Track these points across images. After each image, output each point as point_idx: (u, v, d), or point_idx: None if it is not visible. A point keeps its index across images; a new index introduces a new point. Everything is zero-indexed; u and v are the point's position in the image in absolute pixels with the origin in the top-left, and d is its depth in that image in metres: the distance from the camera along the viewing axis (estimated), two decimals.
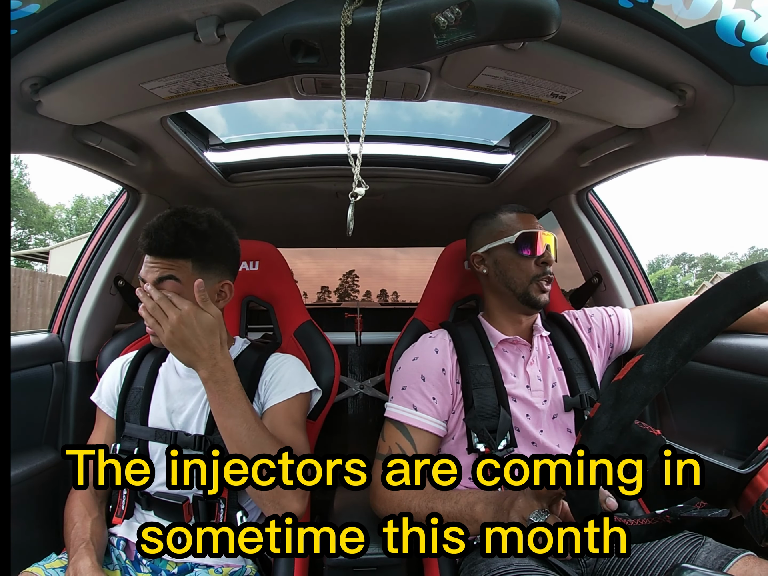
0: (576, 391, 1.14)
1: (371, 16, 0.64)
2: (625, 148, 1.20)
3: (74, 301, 1.49)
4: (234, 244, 1.15)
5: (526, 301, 1.14)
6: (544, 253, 1.14)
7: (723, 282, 0.52)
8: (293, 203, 2.02)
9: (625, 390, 0.51)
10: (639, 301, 1.58)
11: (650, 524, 0.59)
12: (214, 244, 1.08)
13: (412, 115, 2.00)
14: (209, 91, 1.02)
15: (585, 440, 0.53)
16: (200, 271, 1.05)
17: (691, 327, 0.50)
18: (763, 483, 0.51)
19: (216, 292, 1.09)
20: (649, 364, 0.51)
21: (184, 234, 1.03)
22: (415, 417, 1.08)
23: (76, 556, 0.94)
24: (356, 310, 2.34)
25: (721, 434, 1.25)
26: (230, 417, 0.95)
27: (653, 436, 0.53)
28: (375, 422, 2.66)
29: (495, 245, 1.18)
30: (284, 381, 1.12)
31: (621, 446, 0.52)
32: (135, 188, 1.52)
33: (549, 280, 1.15)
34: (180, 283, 1.02)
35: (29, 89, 0.91)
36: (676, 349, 0.50)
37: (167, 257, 1.02)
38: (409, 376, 1.13)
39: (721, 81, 0.87)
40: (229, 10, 0.79)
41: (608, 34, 0.81)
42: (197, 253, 1.05)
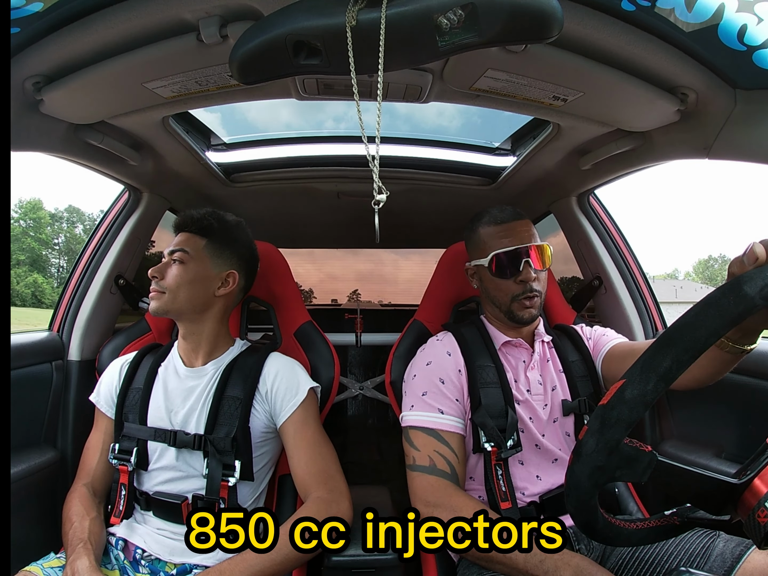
0: (576, 394, 1.13)
1: (375, 18, 0.64)
2: (626, 151, 1.20)
3: (74, 300, 1.50)
4: (253, 249, 1.26)
5: (511, 318, 1.13)
6: (521, 270, 1.09)
7: (705, 300, 0.51)
8: (294, 204, 2.02)
9: (609, 415, 0.51)
10: (639, 304, 1.58)
11: (659, 525, 0.59)
12: (233, 236, 1.19)
13: (411, 125, 2.00)
14: (211, 91, 1.02)
15: (575, 461, 0.54)
16: (212, 252, 1.15)
17: (672, 351, 0.50)
18: (760, 490, 0.51)
19: (222, 279, 1.15)
20: (630, 390, 0.51)
21: (212, 217, 1.17)
22: (444, 421, 1.05)
23: (74, 555, 0.93)
24: (356, 311, 2.34)
25: (721, 437, 1.25)
26: None
27: (644, 453, 0.53)
28: (374, 423, 2.66)
29: (477, 264, 1.17)
30: (292, 386, 1.12)
31: (611, 465, 0.52)
32: (136, 187, 1.52)
33: (531, 296, 1.10)
34: (187, 254, 1.12)
35: (32, 88, 0.91)
36: (657, 374, 0.50)
37: (189, 231, 1.15)
38: (428, 381, 1.10)
39: (723, 85, 0.87)
40: (232, 11, 0.79)
41: (610, 37, 0.81)
42: (215, 234, 1.16)
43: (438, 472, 1.01)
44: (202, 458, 1.06)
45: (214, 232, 1.16)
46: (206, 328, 1.15)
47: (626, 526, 0.59)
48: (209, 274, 1.13)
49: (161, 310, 1.10)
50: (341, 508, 1.00)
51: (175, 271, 1.11)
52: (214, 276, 1.14)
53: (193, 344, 1.16)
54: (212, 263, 1.14)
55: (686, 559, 0.87)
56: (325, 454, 1.09)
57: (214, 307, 1.15)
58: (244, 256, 1.21)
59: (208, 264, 1.14)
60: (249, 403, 1.09)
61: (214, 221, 1.17)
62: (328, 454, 1.09)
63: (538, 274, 1.11)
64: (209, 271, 1.13)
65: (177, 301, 1.10)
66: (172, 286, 1.10)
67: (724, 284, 0.52)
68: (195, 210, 1.18)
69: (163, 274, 1.11)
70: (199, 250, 1.13)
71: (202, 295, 1.12)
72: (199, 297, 1.12)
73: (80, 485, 1.11)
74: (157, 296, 1.10)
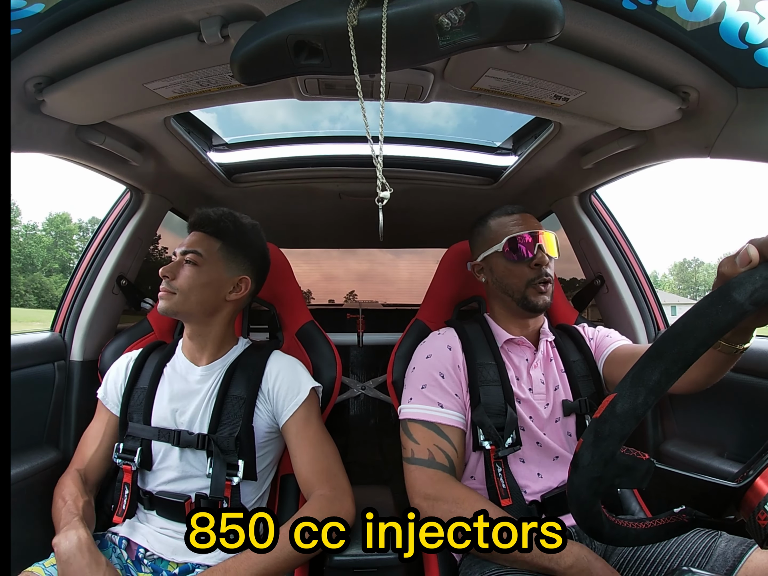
0: (578, 394, 1.13)
1: (376, 17, 0.64)
2: (628, 150, 1.20)
3: (77, 300, 1.50)
4: (266, 254, 1.24)
5: (525, 306, 1.13)
6: (536, 254, 1.11)
7: (693, 310, 0.51)
8: (296, 204, 2.02)
9: (601, 428, 0.52)
10: (641, 303, 1.57)
11: (668, 523, 0.60)
12: (248, 240, 1.18)
13: (408, 125, 2.00)
14: (213, 92, 1.02)
15: (573, 473, 0.55)
16: (225, 256, 1.13)
17: (661, 364, 0.50)
18: (762, 490, 0.51)
19: (234, 284, 1.14)
20: (621, 404, 0.51)
21: (228, 219, 1.15)
22: (443, 414, 1.05)
23: (69, 526, 0.92)
24: (358, 310, 2.34)
25: (723, 437, 1.24)
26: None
27: (641, 461, 0.53)
28: (376, 423, 2.66)
29: (488, 253, 1.17)
30: (294, 385, 1.13)
31: (609, 475, 0.52)
32: (138, 188, 1.53)
33: (546, 281, 1.12)
34: (201, 256, 1.10)
35: (33, 89, 0.91)
36: (646, 387, 0.50)
37: (204, 232, 1.13)
38: (427, 374, 1.10)
39: (724, 83, 0.86)
40: (233, 11, 0.79)
41: (612, 36, 0.81)
42: (231, 238, 1.14)
43: (437, 465, 1.01)
44: (205, 458, 1.06)
45: (230, 235, 1.14)
46: (213, 331, 1.15)
47: (634, 526, 0.59)
48: (222, 279, 1.12)
49: (171, 311, 1.08)
50: (344, 505, 1.00)
51: (187, 272, 1.09)
52: (227, 280, 1.13)
53: (199, 345, 1.15)
54: (226, 267, 1.12)
55: (688, 558, 0.87)
56: (328, 453, 1.09)
57: (223, 311, 1.15)
58: (257, 261, 1.20)
59: (222, 268, 1.12)
60: (252, 402, 1.09)
61: (231, 224, 1.15)
62: (331, 452, 1.10)
63: (550, 261, 1.13)
64: (222, 275, 1.12)
65: (187, 303, 1.08)
66: (184, 287, 1.08)
67: (713, 292, 0.51)
68: (211, 209, 1.16)
69: (174, 274, 1.09)
70: (214, 252, 1.12)
71: (213, 299, 1.11)
72: (209, 301, 1.11)
73: (74, 470, 1.11)
74: (167, 296, 1.08)
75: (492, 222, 1.19)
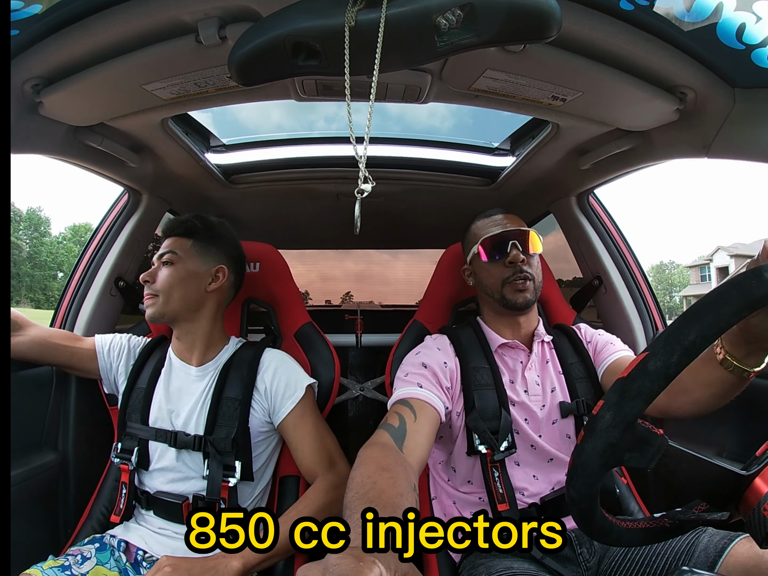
0: (575, 396, 1.12)
1: (374, 18, 0.64)
2: (625, 150, 1.20)
3: (75, 302, 1.49)
4: (238, 245, 1.28)
5: (505, 305, 1.13)
6: (509, 252, 1.10)
7: (729, 281, 0.52)
8: (294, 205, 2.02)
9: (629, 387, 0.50)
10: (639, 303, 1.58)
11: (648, 527, 0.59)
12: (217, 233, 1.23)
13: (403, 125, 2.00)
14: (210, 93, 1.02)
15: (588, 438, 0.52)
16: (199, 251, 1.18)
17: (698, 325, 0.50)
18: (764, 486, 0.50)
19: (211, 275, 1.18)
20: (654, 361, 0.50)
21: (195, 218, 1.21)
22: (419, 392, 1.01)
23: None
24: (356, 312, 2.34)
25: (722, 437, 1.24)
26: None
27: (656, 435, 0.52)
28: (375, 424, 2.63)
29: (470, 256, 1.20)
30: (290, 383, 1.13)
31: (624, 445, 0.51)
32: (136, 189, 1.52)
33: (524, 278, 1.10)
34: (176, 254, 1.15)
35: (31, 90, 0.91)
36: (681, 346, 0.49)
37: (175, 235, 1.19)
38: (411, 365, 1.10)
39: (721, 84, 0.87)
40: (231, 12, 0.79)
41: (609, 37, 0.81)
42: (200, 234, 1.19)
43: (384, 426, 0.93)
44: (202, 459, 1.06)
45: (199, 232, 1.20)
46: (200, 327, 1.16)
47: (618, 524, 0.58)
48: (199, 271, 1.16)
49: (158, 314, 1.12)
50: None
51: (165, 272, 1.13)
52: (204, 272, 1.17)
53: (188, 344, 1.17)
54: (201, 260, 1.17)
55: (672, 557, 0.87)
56: (327, 442, 1.12)
57: (207, 305, 1.17)
58: (231, 252, 1.24)
59: (197, 261, 1.16)
60: (248, 403, 1.10)
61: (198, 222, 1.21)
62: (330, 441, 1.13)
63: (527, 258, 1.12)
64: (199, 268, 1.16)
65: (171, 302, 1.11)
66: (165, 287, 1.12)
67: (747, 270, 0.52)
68: (179, 216, 1.23)
69: (154, 277, 1.13)
70: (187, 249, 1.17)
71: (194, 291, 1.14)
72: (192, 295, 1.14)
73: None
74: (151, 301, 1.12)
75: (473, 225, 1.22)
